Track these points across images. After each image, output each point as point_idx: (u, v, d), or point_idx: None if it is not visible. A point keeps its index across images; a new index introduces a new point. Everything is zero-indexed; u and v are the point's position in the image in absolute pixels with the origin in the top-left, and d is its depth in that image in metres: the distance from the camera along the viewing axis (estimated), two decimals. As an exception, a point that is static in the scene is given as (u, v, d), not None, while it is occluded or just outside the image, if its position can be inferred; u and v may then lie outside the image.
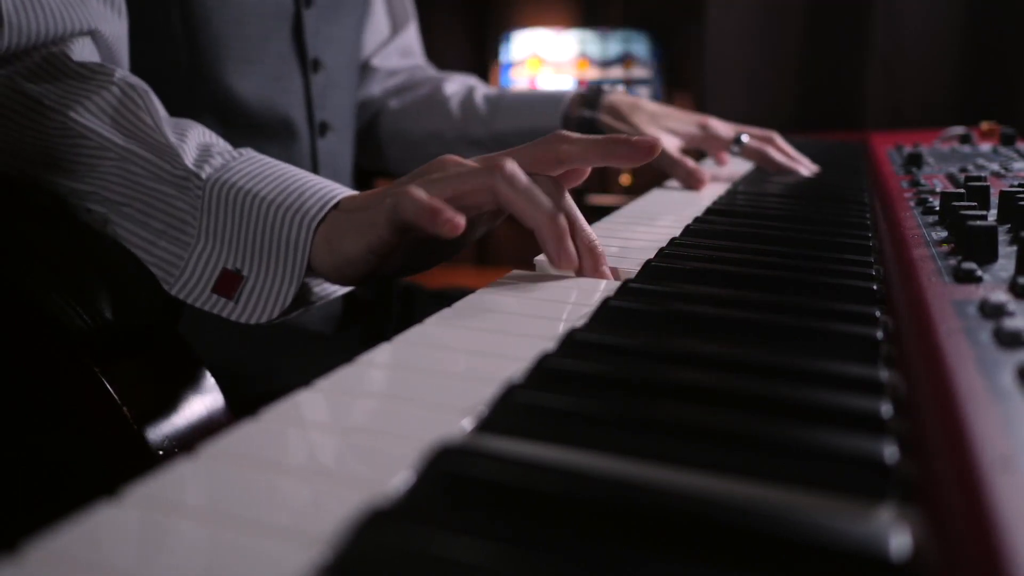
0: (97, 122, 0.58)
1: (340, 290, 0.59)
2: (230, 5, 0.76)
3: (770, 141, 0.97)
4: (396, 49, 1.09)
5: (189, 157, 0.56)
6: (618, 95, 0.97)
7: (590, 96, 0.96)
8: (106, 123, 0.58)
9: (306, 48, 0.84)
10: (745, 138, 0.95)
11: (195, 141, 0.58)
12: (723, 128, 0.96)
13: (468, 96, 1.04)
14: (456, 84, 1.07)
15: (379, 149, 1.08)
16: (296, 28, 0.83)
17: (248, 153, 0.58)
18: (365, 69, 1.06)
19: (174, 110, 0.65)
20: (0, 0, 0.57)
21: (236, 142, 0.63)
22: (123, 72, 0.62)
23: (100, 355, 0.50)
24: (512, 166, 0.48)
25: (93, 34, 0.64)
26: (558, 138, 0.52)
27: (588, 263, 0.50)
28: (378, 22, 1.07)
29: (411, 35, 1.11)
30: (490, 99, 1.03)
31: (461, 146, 1.02)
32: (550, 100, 0.98)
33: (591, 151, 0.51)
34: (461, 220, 0.45)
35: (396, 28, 1.09)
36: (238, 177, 0.55)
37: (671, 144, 0.92)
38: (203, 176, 0.55)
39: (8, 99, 0.60)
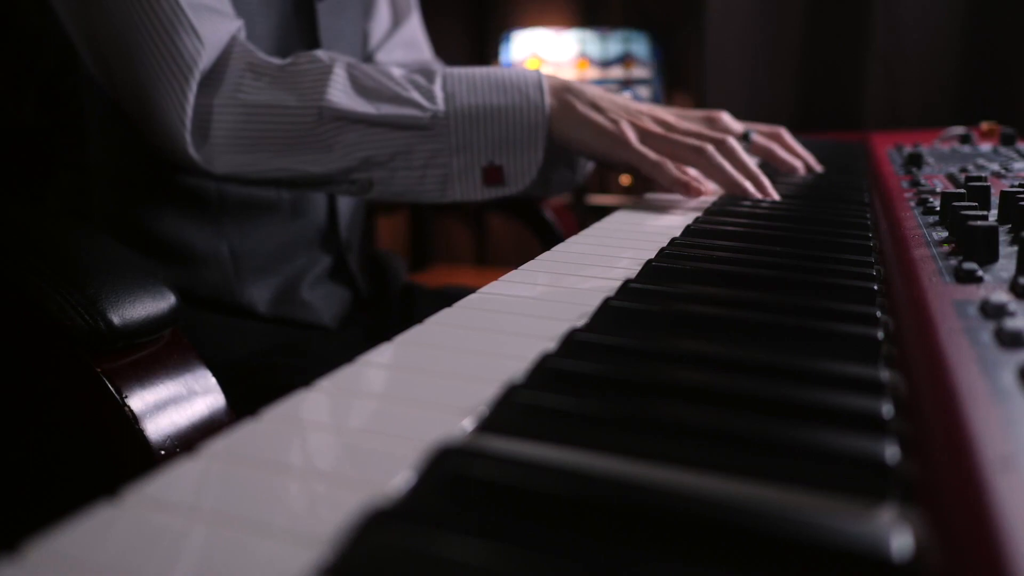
0: (347, 101, 0.70)
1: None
2: (237, 2, 0.76)
3: (778, 138, 0.96)
4: (399, 42, 1.08)
5: (420, 99, 0.71)
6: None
7: None
8: (353, 100, 0.71)
9: (320, 44, 0.84)
10: (753, 135, 0.94)
11: (407, 82, 0.72)
12: (732, 123, 0.95)
13: None
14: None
15: None
16: (310, 24, 0.83)
17: (444, 71, 0.73)
18: (369, 63, 1.06)
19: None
20: (192, 22, 0.67)
21: None
22: (321, 53, 0.73)
23: (101, 355, 0.50)
24: (711, 151, 0.73)
25: (240, 27, 0.73)
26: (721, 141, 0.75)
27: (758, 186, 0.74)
28: (381, 15, 1.06)
29: (414, 27, 1.11)
30: None
31: None
32: None
33: (719, 173, 0.74)
34: (705, 189, 0.75)
35: (398, 20, 1.08)
36: (462, 99, 0.72)
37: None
38: (443, 110, 0.71)
39: (245, 119, 0.70)
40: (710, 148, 0.73)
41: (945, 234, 0.49)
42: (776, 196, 0.74)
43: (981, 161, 0.80)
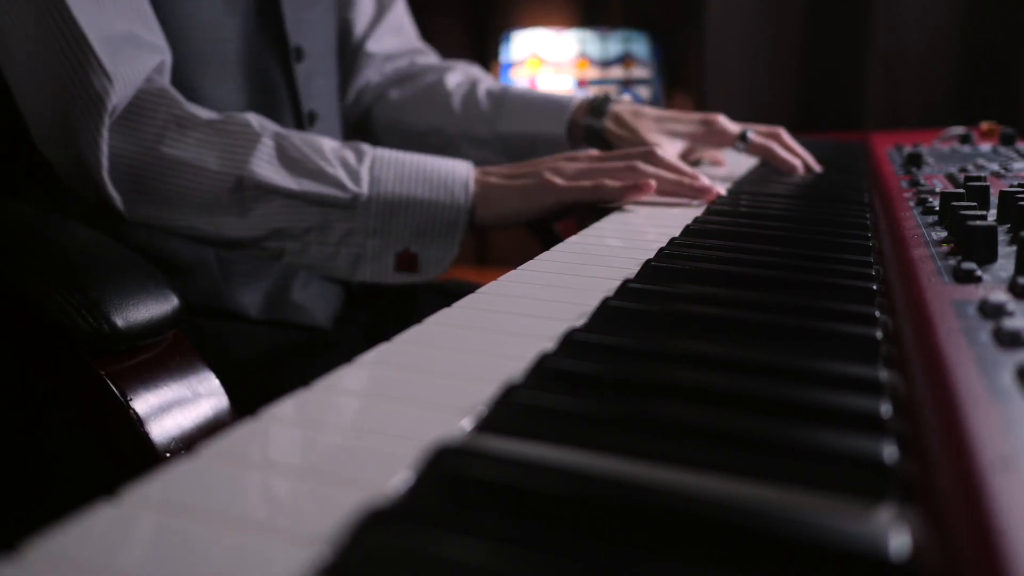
0: (269, 173, 0.71)
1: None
2: (201, 5, 0.76)
3: (776, 137, 0.96)
4: (388, 28, 1.07)
5: (345, 178, 0.72)
6: (623, 104, 0.98)
7: (597, 104, 0.97)
8: (276, 172, 0.71)
9: (288, 37, 0.84)
10: (750, 134, 0.94)
11: (335, 159, 0.72)
12: (729, 124, 0.95)
13: (471, 91, 1.03)
14: (459, 75, 1.06)
15: (375, 139, 1.07)
16: (277, 18, 0.83)
17: (375, 154, 0.74)
18: (360, 55, 1.05)
19: None
20: (100, 58, 0.65)
21: None
22: (251, 117, 0.72)
23: (105, 357, 0.50)
24: (642, 165, 0.74)
25: (159, 66, 0.71)
26: (650, 157, 0.75)
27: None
28: (364, 3, 1.05)
29: (400, 12, 1.09)
30: (493, 96, 1.02)
31: (464, 143, 1.02)
32: (556, 106, 0.99)
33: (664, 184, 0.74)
34: (653, 183, 0.72)
35: (383, 7, 1.07)
36: (390, 184, 0.72)
37: (672, 150, 0.93)
38: (365, 193, 0.72)
39: (156, 170, 0.69)
40: (638, 163, 0.74)
41: (944, 234, 0.49)
42: (720, 192, 0.75)
43: (981, 161, 0.80)
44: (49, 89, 0.66)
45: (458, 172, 0.74)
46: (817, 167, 0.95)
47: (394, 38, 1.08)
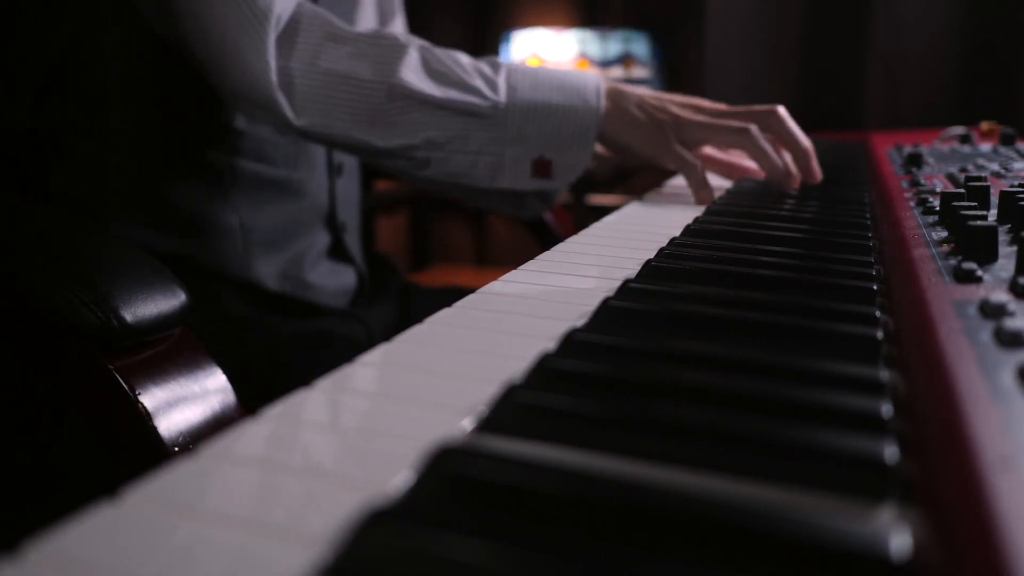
0: (416, 80, 0.74)
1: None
2: None
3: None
4: None
5: (484, 88, 0.74)
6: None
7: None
8: (424, 82, 0.74)
9: None
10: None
11: (474, 71, 0.75)
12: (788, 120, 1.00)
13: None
14: None
15: None
16: None
17: (510, 65, 0.77)
18: None
19: (208, 146, 0.78)
20: None
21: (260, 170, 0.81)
22: (398, 31, 0.77)
23: (113, 352, 0.51)
24: (755, 131, 0.75)
25: None
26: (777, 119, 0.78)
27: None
28: (366, 17, 1.07)
29: (398, 28, 1.11)
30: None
31: None
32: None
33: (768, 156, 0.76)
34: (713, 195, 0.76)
35: (383, 21, 1.09)
36: (523, 93, 0.75)
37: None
38: (503, 101, 0.74)
39: (317, 79, 0.72)
40: (754, 129, 0.75)
41: (945, 234, 0.49)
42: (820, 177, 0.78)
43: (981, 161, 0.80)
44: (216, 7, 0.70)
45: (589, 81, 0.76)
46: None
47: None
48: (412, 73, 0.74)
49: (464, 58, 0.76)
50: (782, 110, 0.78)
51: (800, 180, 0.78)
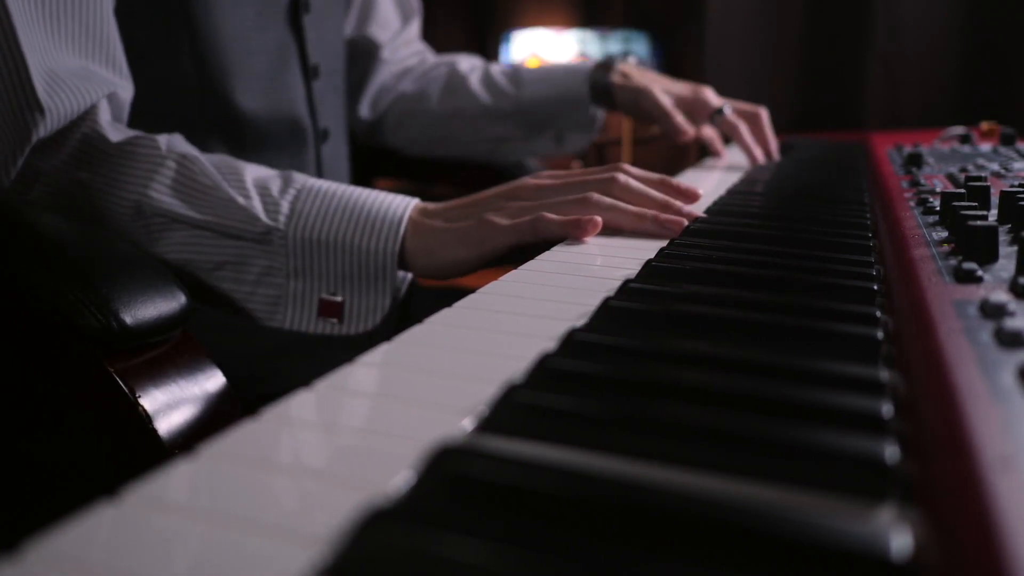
0: (168, 200, 0.64)
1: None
2: (234, 17, 0.77)
3: (753, 118, 1.01)
4: (404, 40, 1.13)
5: (260, 210, 0.64)
6: (628, 64, 1.07)
7: (605, 63, 1.06)
8: (176, 199, 0.65)
9: (308, 55, 0.85)
10: (727, 109, 1.00)
11: (254, 188, 0.65)
12: (713, 97, 1.04)
13: (485, 72, 1.09)
14: (469, 62, 1.12)
15: (393, 131, 1.12)
16: (297, 36, 0.84)
17: (304, 185, 0.65)
18: (376, 61, 1.09)
19: (188, 129, 0.71)
20: (36, 90, 0.62)
21: (248, 157, 0.71)
22: (164, 138, 0.67)
23: (114, 354, 0.51)
24: (596, 197, 0.62)
25: (109, 98, 0.68)
26: (613, 181, 0.64)
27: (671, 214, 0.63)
28: (386, 15, 1.10)
29: (416, 28, 1.15)
30: (508, 73, 1.08)
31: (485, 120, 1.07)
32: (572, 68, 1.06)
33: (622, 216, 0.62)
34: (599, 220, 0.60)
35: (406, 20, 1.13)
36: (312, 220, 0.64)
37: (666, 100, 1.02)
38: (282, 228, 0.64)
39: (70, 192, 0.65)
40: (594, 195, 0.62)
41: (945, 234, 0.49)
42: (683, 224, 0.61)
43: (981, 161, 0.80)
44: None
45: (391, 212, 0.64)
46: (776, 158, 1.03)
47: (406, 48, 1.14)
48: (163, 189, 0.64)
49: (251, 171, 0.66)
50: (621, 175, 0.65)
51: (685, 222, 0.62)
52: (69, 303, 0.50)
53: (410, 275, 0.68)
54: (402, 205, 0.65)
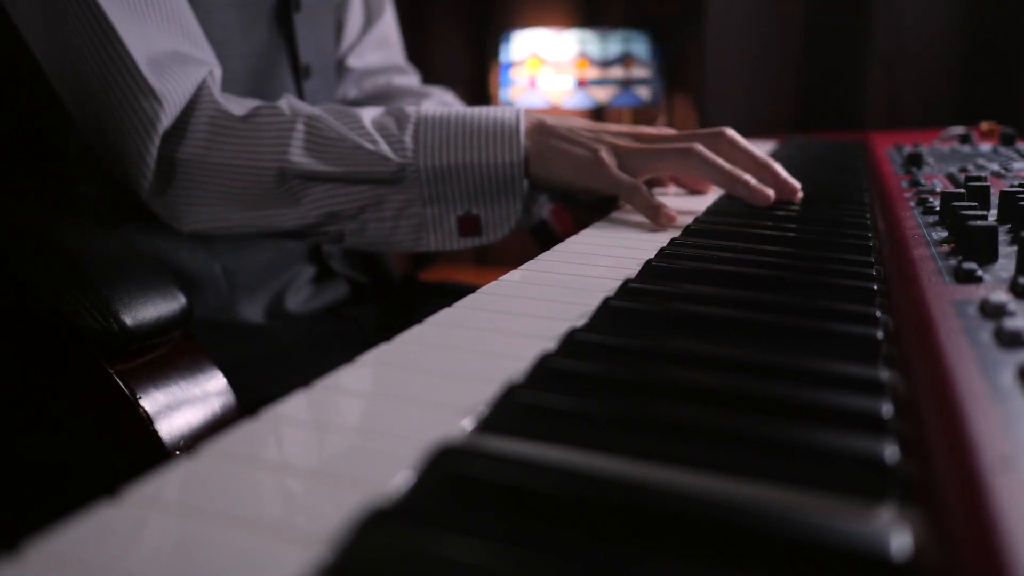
0: (306, 160, 0.68)
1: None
2: (216, 19, 0.76)
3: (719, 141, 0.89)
4: (372, 42, 1.04)
5: (388, 151, 0.68)
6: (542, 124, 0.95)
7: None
8: (313, 158, 0.68)
9: (299, 54, 0.84)
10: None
11: (375, 130, 0.69)
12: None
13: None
14: (432, 104, 1.01)
15: None
16: (288, 36, 0.83)
17: (419, 117, 0.69)
18: (340, 69, 1.02)
19: None
20: (147, 78, 0.65)
21: None
22: (284, 102, 0.70)
23: (114, 356, 0.51)
24: (700, 148, 0.67)
25: (210, 75, 0.70)
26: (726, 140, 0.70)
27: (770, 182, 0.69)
28: (354, 15, 1.02)
29: (387, 24, 1.06)
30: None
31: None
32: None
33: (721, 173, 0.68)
34: (675, 217, 0.66)
35: (371, 19, 1.04)
36: (436, 147, 0.68)
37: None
38: (411, 162, 0.68)
39: (211, 177, 0.68)
40: (698, 146, 0.68)
41: (945, 234, 0.49)
42: (797, 187, 0.69)
43: (981, 161, 0.80)
44: (99, 105, 0.66)
45: (507, 125, 0.69)
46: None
47: (376, 53, 1.05)
48: (301, 150, 0.68)
49: (367, 115, 0.70)
50: (730, 131, 0.71)
51: (774, 195, 0.68)
52: (69, 305, 0.50)
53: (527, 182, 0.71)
54: (513, 115, 0.69)
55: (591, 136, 0.70)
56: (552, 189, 0.73)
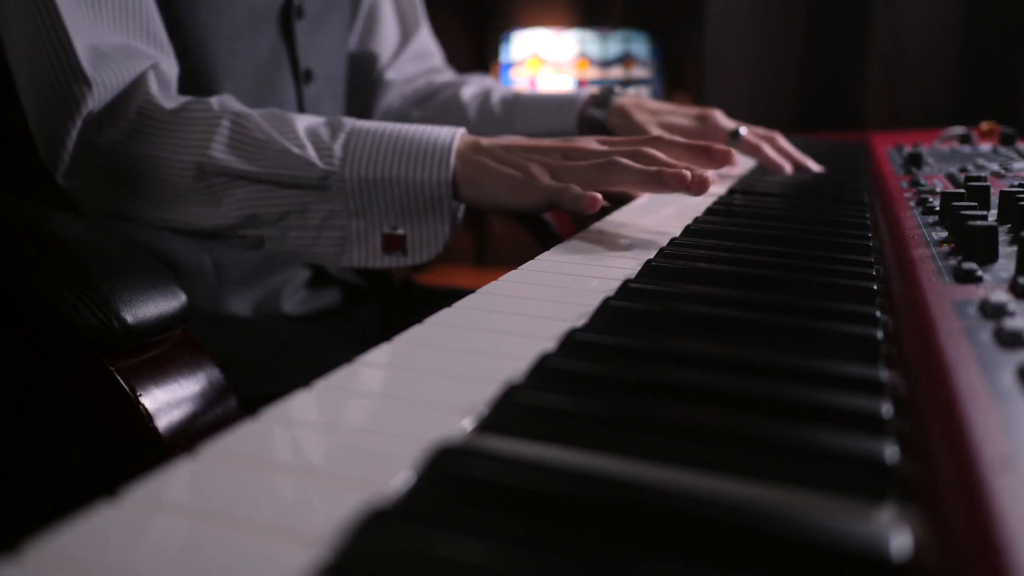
0: (228, 157, 0.67)
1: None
2: (223, 20, 0.76)
3: (770, 140, 0.97)
4: (409, 57, 1.09)
5: (315, 157, 0.66)
6: (626, 97, 0.99)
7: (601, 97, 0.99)
8: (235, 156, 0.67)
9: (298, 60, 0.85)
10: (743, 130, 0.96)
11: (306, 136, 0.67)
12: (724, 120, 0.97)
13: (484, 100, 1.04)
14: (473, 87, 1.07)
15: None
16: (288, 41, 0.84)
17: (353, 127, 0.68)
18: (380, 84, 1.06)
19: None
20: (82, 65, 0.65)
21: None
22: (216, 99, 0.69)
23: (114, 353, 0.51)
24: (618, 159, 0.63)
25: (154, 71, 0.70)
26: (653, 142, 0.66)
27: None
28: (387, 30, 1.06)
29: (424, 38, 1.11)
30: (506, 102, 1.04)
31: None
32: (565, 102, 1.01)
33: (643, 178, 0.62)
34: (599, 197, 0.62)
35: (407, 35, 1.09)
36: (365, 159, 0.66)
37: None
38: (337, 171, 0.66)
39: (129, 165, 0.67)
40: (620, 159, 0.64)
41: (945, 234, 0.49)
42: (686, 179, 0.61)
43: (981, 161, 0.80)
44: (35, 87, 0.67)
45: (440, 143, 0.66)
46: (816, 167, 0.95)
47: (413, 65, 1.09)
48: (222, 148, 0.67)
49: (302, 121, 0.68)
50: (664, 136, 0.68)
51: (707, 174, 0.62)
52: (69, 302, 0.50)
53: (463, 206, 0.70)
54: (449, 135, 0.67)
55: (523, 155, 0.67)
56: (490, 211, 0.72)
